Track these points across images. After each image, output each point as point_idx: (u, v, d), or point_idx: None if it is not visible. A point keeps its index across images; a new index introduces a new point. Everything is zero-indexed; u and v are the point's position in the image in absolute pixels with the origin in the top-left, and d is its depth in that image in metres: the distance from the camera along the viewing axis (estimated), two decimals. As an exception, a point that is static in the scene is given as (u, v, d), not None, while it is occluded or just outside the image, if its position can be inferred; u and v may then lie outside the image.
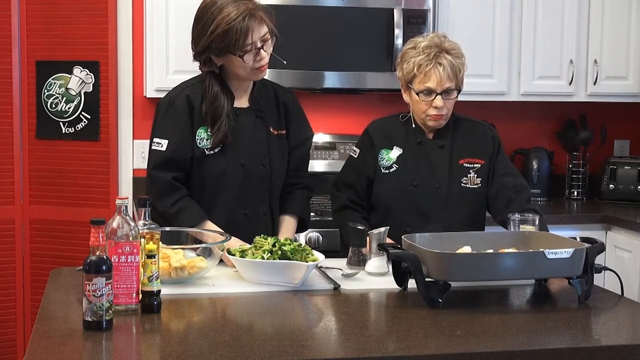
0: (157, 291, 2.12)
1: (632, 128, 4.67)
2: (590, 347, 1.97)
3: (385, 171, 2.88)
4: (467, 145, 2.88)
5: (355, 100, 4.30)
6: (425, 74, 2.74)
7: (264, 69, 2.70)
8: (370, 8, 3.88)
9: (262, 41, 2.65)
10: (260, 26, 2.64)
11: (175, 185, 2.69)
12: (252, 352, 1.83)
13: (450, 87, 2.75)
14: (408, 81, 2.80)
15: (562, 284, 2.46)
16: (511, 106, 4.20)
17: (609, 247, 3.86)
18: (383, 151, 2.90)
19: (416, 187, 2.84)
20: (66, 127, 4.04)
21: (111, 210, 3.80)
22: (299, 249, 2.42)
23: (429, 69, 2.74)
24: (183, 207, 2.67)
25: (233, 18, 2.59)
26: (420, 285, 2.23)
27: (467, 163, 2.87)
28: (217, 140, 2.70)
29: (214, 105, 2.69)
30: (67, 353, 1.83)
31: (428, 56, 2.74)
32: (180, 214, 2.66)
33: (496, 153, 2.90)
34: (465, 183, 2.85)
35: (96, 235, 1.96)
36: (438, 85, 2.74)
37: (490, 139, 2.91)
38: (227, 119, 2.70)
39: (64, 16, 3.97)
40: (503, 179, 2.87)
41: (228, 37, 2.60)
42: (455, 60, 2.76)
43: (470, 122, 2.95)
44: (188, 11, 2.74)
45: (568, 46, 4.18)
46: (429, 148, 2.87)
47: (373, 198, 2.90)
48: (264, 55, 2.67)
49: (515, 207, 2.77)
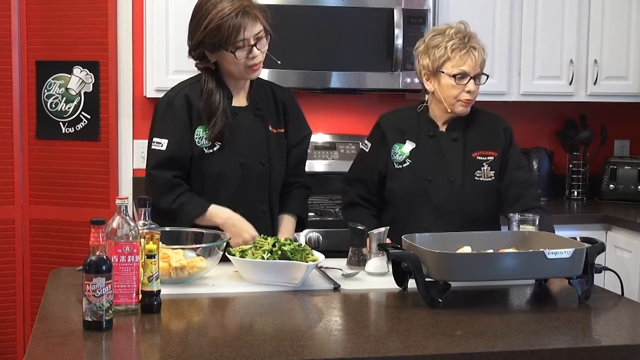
0: (157, 291, 2.12)
1: (632, 128, 4.67)
2: (590, 347, 1.97)
3: (399, 166, 2.87)
4: (479, 137, 2.88)
5: (355, 100, 4.30)
6: (461, 57, 2.77)
7: (257, 68, 2.70)
8: (370, 8, 3.88)
9: (255, 39, 2.65)
10: (254, 24, 2.64)
11: (175, 182, 2.69)
12: (252, 352, 1.83)
13: (481, 72, 2.80)
14: (439, 66, 2.79)
15: (562, 284, 2.46)
16: (511, 106, 4.19)
17: (609, 247, 3.86)
18: (396, 146, 2.89)
19: (431, 182, 2.83)
20: (66, 127, 4.04)
21: (111, 210, 3.79)
22: (299, 249, 2.42)
23: (463, 52, 2.77)
24: (185, 201, 2.68)
25: (226, 13, 2.60)
26: (420, 285, 2.23)
27: (480, 156, 2.86)
28: (213, 136, 2.70)
29: (209, 102, 2.70)
30: (67, 353, 1.83)
31: (462, 41, 2.78)
32: (183, 208, 2.67)
33: (509, 145, 2.89)
34: (479, 176, 2.84)
35: (96, 235, 1.96)
36: (472, 69, 2.77)
37: (503, 131, 2.90)
38: (224, 114, 2.70)
39: (64, 16, 3.97)
40: (515, 172, 2.87)
41: (220, 32, 2.61)
42: (482, 47, 2.82)
43: (482, 113, 2.94)
44: (188, 11, 2.74)
45: (568, 46, 4.19)
46: (442, 141, 2.87)
47: (386, 194, 2.90)
48: (257, 54, 2.67)
49: (523, 203, 2.78)
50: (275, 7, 3.70)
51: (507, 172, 2.86)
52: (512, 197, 2.83)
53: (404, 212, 2.84)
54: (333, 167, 4.13)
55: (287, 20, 3.72)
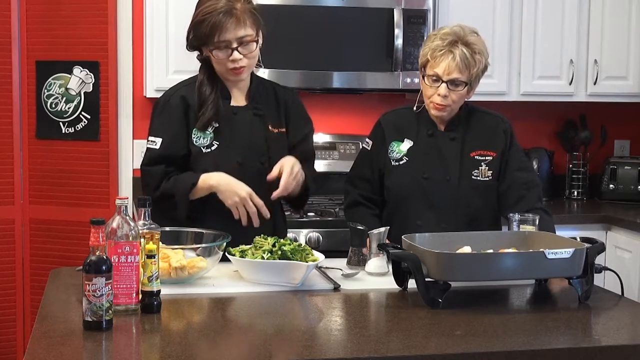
0: (157, 291, 2.12)
1: (632, 128, 4.67)
2: (590, 347, 1.97)
3: (396, 163, 2.87)
4: (478, 137, 2.87)
5: (355, 100, 4.30)
6: (437, 60, 2.73)
7: (238, 72, 2.69)
8: (370, 8, 3.88)
9: (238, 42, 2.64)
10: (238, 27, 2.62)
11: (168, 171, 2.72)
12: (252, 352, 1.83)
13: (459, 78, 2.73)
14: (422, 65, 2.80)
15: (562, 284, 2.46)
16: (511, 106, 4.19)
17: (609, 247, 3.86)
18: (394, 143, 2.89)
19: (427, 180, 2.83)
20: (66, 127, 4.04)
21: (111, 210, 3.79)
22: (299, 249, 2.42)
23: (441, 55, 2.73)
24: (177, 177, 2.70)
25: (210, 11, 2.62)
26: (420, 285, 2.23)
27: (478, 155, 2.85)
28: (201, 125, 2.70)
29: (200, 91, 2.72)
30: (67, 353, 1.83)
31: (443, 42, 2.73)
32: (177, 181, 2.68)
33: (509, 146, 2.87)
34: (477, 176, 2.84)
35: (96, 235, 1.96)
36: (445, 73, 2.72)
37: (502, 132, 2.88)
38: (214, 105, 2.70)
39: (64, 16, 3.97)
40: (516, 173, 2.85)
41: (201, 29, 2.63)
42: (470, 53, 2.73)
43: (483, 113, 2.92)
44: (188, 11, 2.74)
45: (568, 46, 4.18)
46: (441, 140, 2.86)
47: (385, 191, 2.90)
48: (238, 58, 2.65)
49: (525, 205, 2.77)
50: (275, 7, 3.71)
51: (507, 174, 2.85)
52: (513, 199, 2.82)
53: (400, 210, 2.84)
54: (333, 167, 4.13)
55: (287, 20, 3.72)
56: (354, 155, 4.11)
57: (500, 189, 2.85)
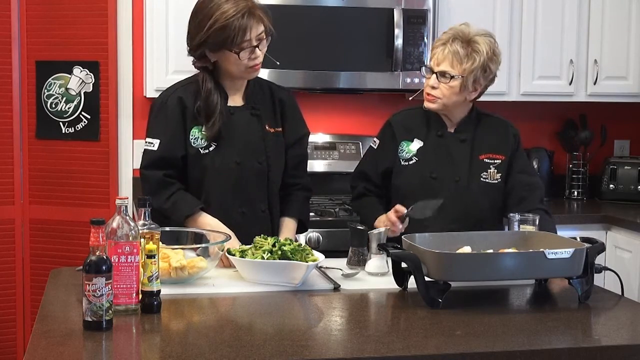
0: (157, 291, 2.12)
1: (632, 128, 4.67)
2: (590, 347, 1.97)
3: (405, 163, 2.88)
4: (488, 140, 2.89)
5: (355, 100, 4.30)
6: (434, 52, 2.81)
7: (257, 68, 2.72)
8: (370, 8, 3.88)
9: (258, 40, 2.66)
10: (258, 25, 2.66)
11: (167, 180, 2.71)
12: (252, 352, 1.83)
13: (449, 72, 2.76)
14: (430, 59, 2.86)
15: (562, 284, 2.46)
16: (511, 106, 4.19)
17: (609, 247, 3.86)
18: (403, 143, 2.91)
19: (435, 180, 2.84)
20: (66, 127, 4.04)
21: (111, 210, 3.80)
22: (299, 249, 2.42)
23: (436, 47, 2.81)
24: (178, 199, 2.69)
25: (232, 14, 2.61)
26: (420, 285, 2.23)
27: (487, 158, 2.87)
28: (212, 136, 2.71)
29: (208, 101, 2.71)
30: (67, 353, 1.83)
31: (444, 37, 2.80)
32: (176, 206, 2.67)
33: (515, 149, 2.90)
34: (485, 178, 2.85)
35: (96, 235, 1.96)
36: (435, 64, 2.79)
37: (512, 136, 2.92)
38: (221, 115, 2.71)
39: (64, 16, 3.97)
40: (518, 176, 2.88)
41: (226, 33, 2.62)
42: (468, 51, 2.75)
43: (492, 118, 2.96)
44: (188, 11, 2.74)
45: (568, 46, 4.19)
46: (450, 141, 2.88)
47: (392, 190, 2.91)
48: (259, 54, 2.69)
49: (526, 206, 2.78)
50: (275, 7, 3.71)
51: (510, 176, 2.87)
52: (515, 200, 2.84)
53: None
54: (333, 167, 4.13)
55: (288, 20, 3.72)
56: (354, 155, 4.13)
57: (504, 191, 2.86)
